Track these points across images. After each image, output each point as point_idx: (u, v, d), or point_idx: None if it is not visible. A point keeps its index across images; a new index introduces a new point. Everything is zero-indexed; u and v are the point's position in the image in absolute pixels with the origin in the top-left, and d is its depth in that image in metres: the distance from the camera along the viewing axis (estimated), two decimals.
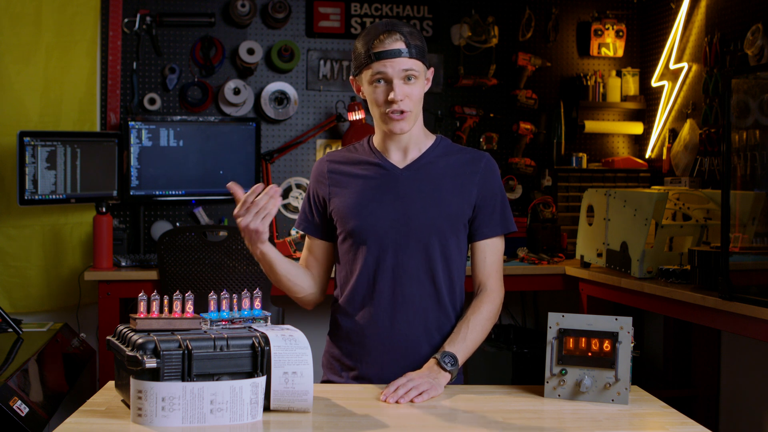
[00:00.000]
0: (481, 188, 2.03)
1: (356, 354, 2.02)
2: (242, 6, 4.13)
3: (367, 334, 2.00)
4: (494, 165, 2.07)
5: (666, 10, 4.30)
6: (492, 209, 2.04)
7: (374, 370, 2.00)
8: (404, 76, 1.93)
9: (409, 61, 1.92)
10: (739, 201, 2.93)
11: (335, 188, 2.05)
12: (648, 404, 1.80)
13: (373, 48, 1.92)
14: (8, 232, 3.84)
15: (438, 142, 2.08)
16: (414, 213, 1.99)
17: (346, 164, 2.07)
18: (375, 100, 1.96)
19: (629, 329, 1.78)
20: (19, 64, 3.82)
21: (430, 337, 2.01)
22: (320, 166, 2.10)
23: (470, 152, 2.08)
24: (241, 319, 1.73)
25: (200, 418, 1.55)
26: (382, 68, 1.92)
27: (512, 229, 2.06)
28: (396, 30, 1.93)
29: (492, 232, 2.04)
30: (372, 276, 2.00)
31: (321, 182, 2.08)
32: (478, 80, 4.38)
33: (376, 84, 1.94)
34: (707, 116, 3.90)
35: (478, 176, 2.04)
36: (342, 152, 2.11)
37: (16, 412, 2.25)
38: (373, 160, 2.05)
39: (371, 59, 1.92)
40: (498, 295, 2.04)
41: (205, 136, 3.95)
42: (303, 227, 2.13)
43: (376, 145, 2.07)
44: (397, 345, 1.99)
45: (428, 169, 2.03)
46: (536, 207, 4.14)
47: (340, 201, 2.03)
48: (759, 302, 2.53)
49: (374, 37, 1.93)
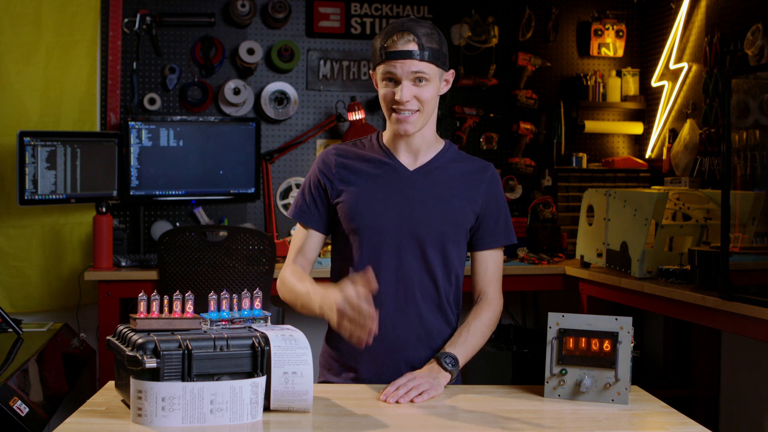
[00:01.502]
0: (486, 198, 2.04)
1: (356, 355, 2.01)
2: (242, 6, 4.13)
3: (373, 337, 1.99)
4: (498, 176, 2.09)
5: (666, 10, 4.30)
6: (496, 220, 2.05)
7: (374, 372, 2.00)
8: (414, 78, 1.91)
9: (419, 64, 1.90)
10: (739, 201, 2.93)
11: (342, 183, 2.02)
12: (648, 404, 1.80)
13: (387, 47, 1.91)
14: (8, 232, 3.84)
15: (447, 148, 2.07)
16: (421, 216, 1.99)
17: (355, 160, 2.04)
18: (383, 97, 1.96)
19: (629, 329, 1.78)
20: (19, 64, 3.82)
21: (431, 340, 2.01)
22: (328, 157, 2.06)
23: (477, 161, 2.09)
24: (241, 319, 1.73)
25: (200, 418, 1.55)
26: (392, 68, 1.91)
27: (513, 241, 2.08)
28: (411, 31, 1.90)
29: (495, 243, 2.06)
30: (375, 276, 1.99)
31: (327, 174, 2.04)
32: (478, 80, 4.38)
33: (387, 83, 1.94)
34: (707, 116, 3.90)
35: (484, 186, 2.05)
36: (350, 146, 2.08)
37: (16, 412, 2.25)
38: (383, 159, 2.03)
39: (383, 58, 1.92)
40: (498, 304, 2.06)
41: (205, 136, 3.95)
42: (302, 218, 2.05)
43: (386, 143, 2.06)
44: (397, 347, 1.99)
45: (437, 174, 2.03)
46: (536, 207, 4.14)
47: (347, 197, 2.00)
48: (759, 302, 2.53)
49: (390, 35, 1.92)
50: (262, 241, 3.41)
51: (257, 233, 3.46)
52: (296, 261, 2.05)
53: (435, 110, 2.01)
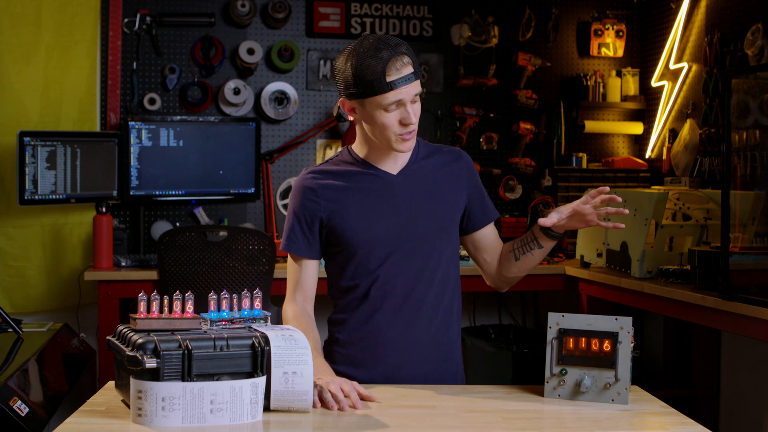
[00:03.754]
0: (469, 182, 2.08)
1: (364, 360, 2.01)
2: (242, 6, 4.13)
3: (379, 340, 1.99)
4: (470, 158, 2.13)
5: (666, 10, 4.30)
6: (483, 199, 2.10)
7: (385, 374, 1.99)
8: (414, 97, 1.91)
9: (417, 84, 1.91)
10: (739, 201, 2.93)
11: (330, 204, 1.99)
12: (648, 404, 1.81)
13: (388, 76, 1.86)
14: (8, 232, 3.84)
15: (419, 144, 2.08)
16: (415, 216, 1.99)
17: (335, 178, 2.01)
18: (387, 124, 1.91)
19: (629, 329, 1.78)
20: (19, 64, 3.82)
21: (439, 338, 2.02)
22: (306, 182, 2.02)
23: (448, 150, 2.11)
24: (241, 319, 1.73)
25: (200, 418, 1.55)
26: (399, 96, 1.88)
27: (497, 215, 2.16)
28: (403, 53, 1.88)
29: (490, 218, 2.11)
30: (382, 285, 1.98)
31: (312, 200, 2.00)
32: (478, 80, 4.38)
33: (391, 109, 1.90)
34: (707, 116, 3.90)
35: (464, 172, 2.08)
36: (324, 167, 2.05)
37: (16, 412, 2.25)
38: (364, 171, 2.02)
39: (389, 87, 1.87)
40: None
41: (205, 136, 3.95)
42: (297, 250, 2.02)
43: (362, 156, 2.04)
44: (408, 349, 1.99)
45: (421, 172, 2.04)
46: (536, 207, 4.14)
47: (339, 217, 1.98)
48: (759, 302, 2.53)
49: (384, 62, 1.86)
50: (262, 241, 3.41)
51: (257, 233, 3.46)
52: (296, 299, 2.03)
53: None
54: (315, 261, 2.05)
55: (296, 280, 2.04)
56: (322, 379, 1.76)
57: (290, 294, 2.05)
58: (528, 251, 2.03)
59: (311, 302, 2.06)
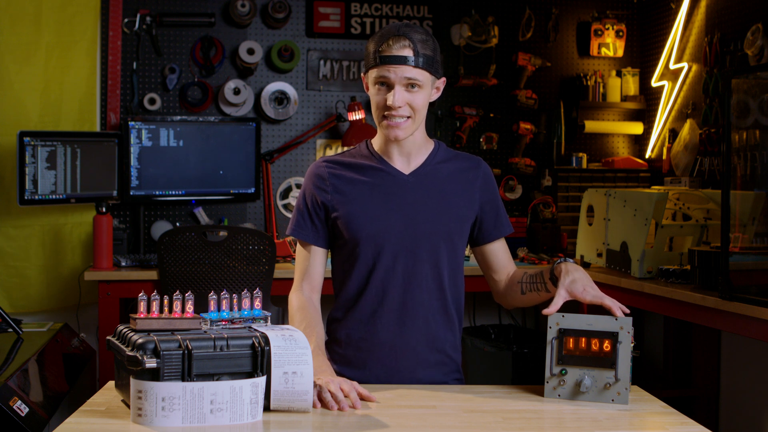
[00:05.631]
0: (484, 193, 2.06)
1: (361, 360, 2.01)
2: (242, 6, 4.13)
3: (376, 341, 1.99)
4: (490, 169, 2.11)
5: (666, 10, 4.30)
6: (497, 212, 2.08)
7: (381, 376, 2.00)
8: (407, 84, 1.91)
9: (413, 70, 1.90)
10: (739, 201, 2.94)
11: (338, 195, 2.00)
12: (648, 404, 1.81)
13: (381, 51, 1.90)
14: (8, 232, 3.84)
15: (438, 148, 2.07)
16: (423, 219, 1.99)
17: (347, 170, 2.03)
18: (375, 102, 1.95)
19: (629, 329, 1.78)
20: (19, 64, 3.82)
21: (437, 343, 2.02)
22: (319, 170, 2.04)
23: (468, 158, 2.09)
24: (241, 319, 1.72)
25: (200, 418, 1.55)
26: (385, 73, 1.90)
27: (512, 230, 2.13)
28: (406, 36, 1.89)
29: (501, 233, 2.09)
30: (381, 283, 1.98)
31: (321, 188, 2.02)
32: (478, 80, 4.38)
33: (379, 87, 1.93)
34: (707, 116, 3.90)
35: (480, 181, 2.06)
36: (340, 157, 2.06)
37: (16, 412, 2.25)
38: (376, 166, 2.02)
39: (377, 62, 1.91)
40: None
41: (205, 136, 3.95)
42: (303, 236, 2.03)
43: (378, 150, 2.04)
44: (405, 351, 1.99)
45: (434, 175, 2.03)
46: (536, 207, 4.14)
47: (346, 209, 1.99)
48: (759, 302, 2.53)
49: (384, 39, 1.90)
50: (262, 241, 3.41)
51: (257, 233, 3.46)
52: (302, 288, 2.03)
53: (425, 116, 2.01)
54: (322, 250, 2.05)
55: (303, 268, 2.05)
56: (321, 378, 1.76)
57: (297, 283, 2.05)
58: (535, 290, 2.02)
59: (318, 292, 2.05)
